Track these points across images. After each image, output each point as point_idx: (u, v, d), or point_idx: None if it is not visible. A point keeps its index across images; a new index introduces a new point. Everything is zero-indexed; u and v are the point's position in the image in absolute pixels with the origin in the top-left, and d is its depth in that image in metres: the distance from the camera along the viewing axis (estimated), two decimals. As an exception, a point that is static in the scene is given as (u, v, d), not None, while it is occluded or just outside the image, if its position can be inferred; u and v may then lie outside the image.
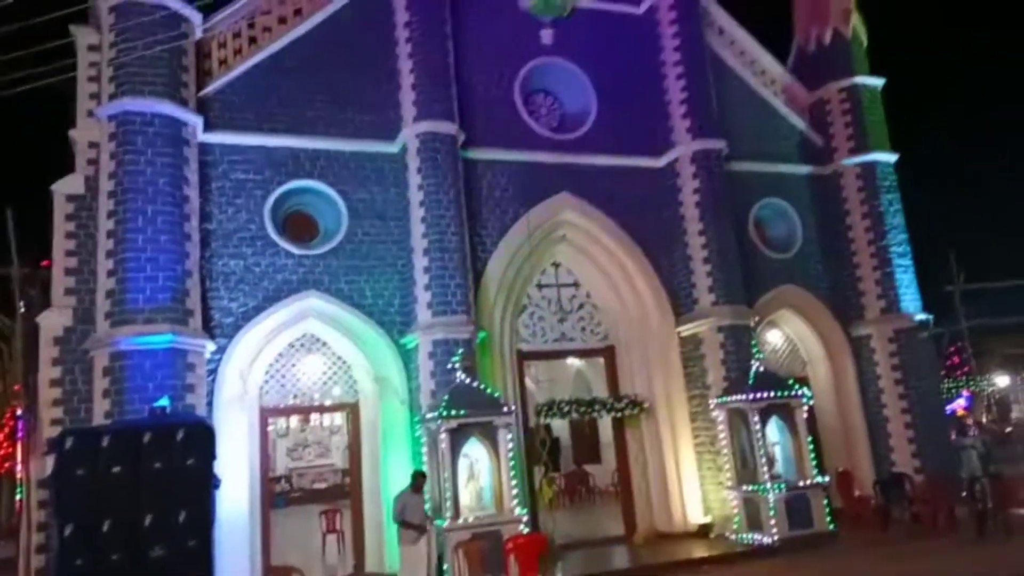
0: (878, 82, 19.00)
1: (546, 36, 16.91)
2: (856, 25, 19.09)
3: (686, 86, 16.94)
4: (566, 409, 15.66)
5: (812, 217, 18.57)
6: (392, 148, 14.99)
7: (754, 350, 15.66)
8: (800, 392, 15.29)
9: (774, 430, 15.06)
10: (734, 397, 14.92)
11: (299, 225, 14.67)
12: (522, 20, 16.73)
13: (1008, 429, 36.08)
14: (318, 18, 15.02)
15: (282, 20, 14.89)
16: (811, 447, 15.11)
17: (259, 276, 13.72)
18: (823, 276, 18.33)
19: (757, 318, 16.64)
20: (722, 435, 15.15)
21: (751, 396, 14.60)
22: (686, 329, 16.30)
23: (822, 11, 19.28)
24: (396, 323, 14.41)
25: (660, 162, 17.13)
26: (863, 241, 18.12)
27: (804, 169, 18.80)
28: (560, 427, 22.68)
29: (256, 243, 13.83)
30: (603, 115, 17.03)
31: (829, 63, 18.98)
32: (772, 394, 14.79)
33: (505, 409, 13.24)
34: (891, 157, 18.59)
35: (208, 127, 13.68)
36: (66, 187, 12.90)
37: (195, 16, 13.65)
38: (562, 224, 16.42)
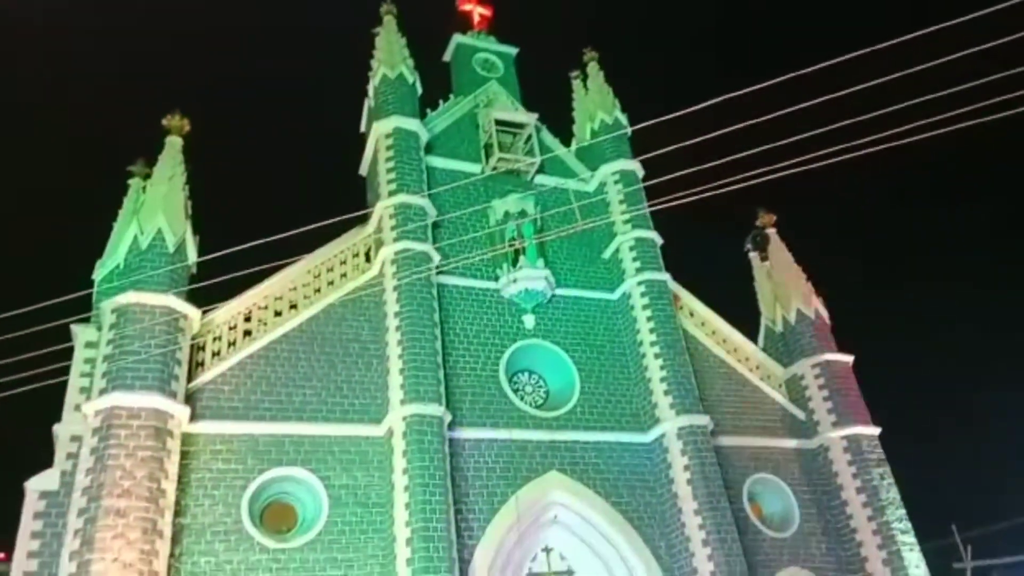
0: (847, 358, 19.70)
1: (528, 321, 17.82)
2: (818, 306, 20.27)
3: (664, 364, 17.48)
4: None
5: (807, 492, 18.17)
6: (378, 431, 14.95)
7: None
8: None
9: None
10: None
11: (277, 516, 14.11)
12: (506, 307, 17.74)
13: None
14: (313, 310, 15.85)
15: (278, 313, 15.66)
16: None
17: None
18: (827, 556, 17.43)
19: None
20: None
21: None
22: (693, 626, 15.05)
23: (784, 293, 20.61)
24: (377, 628, 13.23)
25: (647, 437, 17.11)
26: (862, 517, 17.52)
27: (791, 443, 18.81)
28: None
29: (230, 538, 13.13)
30: (587, 392, 17.37)
31: (798, 341, 19.89)
32: None
33: None
34: (874, 430, 18.69)
35: (194, 417, 13.70)
36: (41, 483, 12.57)
37: (193, 312, 14.30)
38: (552, 505, 15.88)
